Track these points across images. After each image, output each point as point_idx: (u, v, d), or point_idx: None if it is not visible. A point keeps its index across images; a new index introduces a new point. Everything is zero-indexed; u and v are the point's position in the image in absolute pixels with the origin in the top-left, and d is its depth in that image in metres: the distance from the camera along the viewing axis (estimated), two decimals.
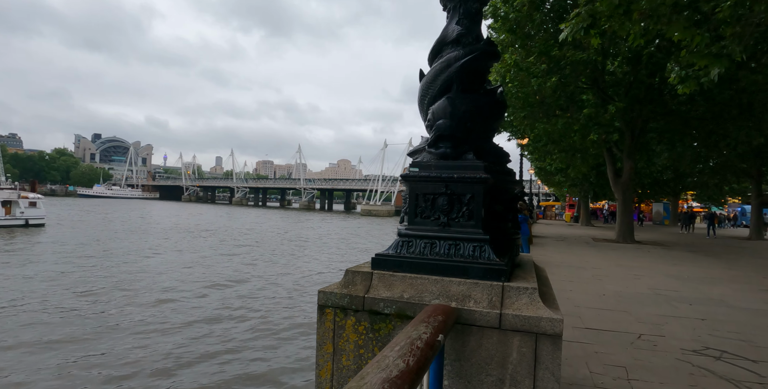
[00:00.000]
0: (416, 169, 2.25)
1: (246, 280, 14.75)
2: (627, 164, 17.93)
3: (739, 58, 5.77)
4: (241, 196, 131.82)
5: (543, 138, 18.03)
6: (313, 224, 49.00)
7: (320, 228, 43.74)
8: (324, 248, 26.03)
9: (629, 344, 4.83)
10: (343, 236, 35.09)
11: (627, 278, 9.25)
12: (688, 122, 17.90)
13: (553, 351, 1.78)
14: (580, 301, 6.89)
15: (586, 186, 32.04)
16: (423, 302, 1.95)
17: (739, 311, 6.65)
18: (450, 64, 2.45)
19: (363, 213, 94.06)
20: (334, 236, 34.81)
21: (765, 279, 10.06)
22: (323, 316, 2.15)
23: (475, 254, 2.06)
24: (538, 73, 14.39)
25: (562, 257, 12.56)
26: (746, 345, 4.92)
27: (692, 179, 33.86)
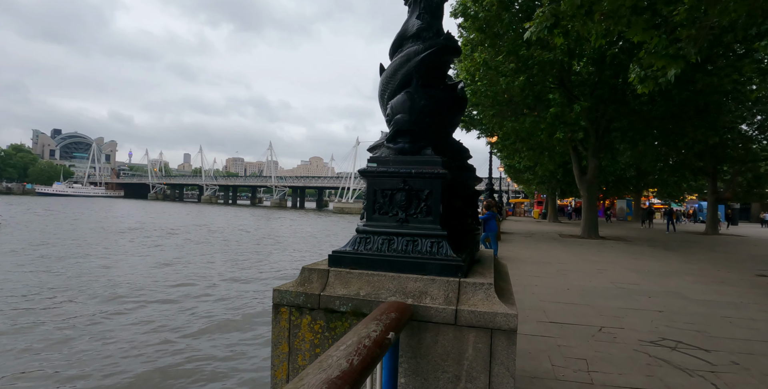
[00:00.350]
0: (374, 164, 2.21)
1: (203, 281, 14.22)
2: (592, 162, 18.45)
3: (694, 59, 6.00)
4: (211, 194, 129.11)
5: (511, 136, 18.34)
6: (285, 222, 48.44)
7: (291, 226, 43.27)
8: (294, 246, 25.75)
9: (590, 336, 4.95)
10: (313, 234, 34.82)
11: (591, 273, 9.51)
12: (649, 121, 18.55)
13: (507, 346, 1.77)
14: (546, 296, 7.03)
15: (554, 183, 32.83)
16: (379, 299, 1.92)
17: (694, 302, 6.93)
18: (410, 59, 2.42)
19: (335, 211, 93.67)
20: (305, 234, 34.50)
21: (718, 272, 10.53)
22: (278, 315, 2.09)
23: (433, 251, 2.04)
24: (507, 73, 14.63)
25: (530, 253, 12.81)
26: (700, 336, 5.12)
27: (653, 176, 35.17)
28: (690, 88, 15.51)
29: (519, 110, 16.86)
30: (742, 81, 17.66)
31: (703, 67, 14.70)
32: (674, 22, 6.36)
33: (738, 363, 4.22)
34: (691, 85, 15.29)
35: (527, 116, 16.09)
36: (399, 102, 2.31)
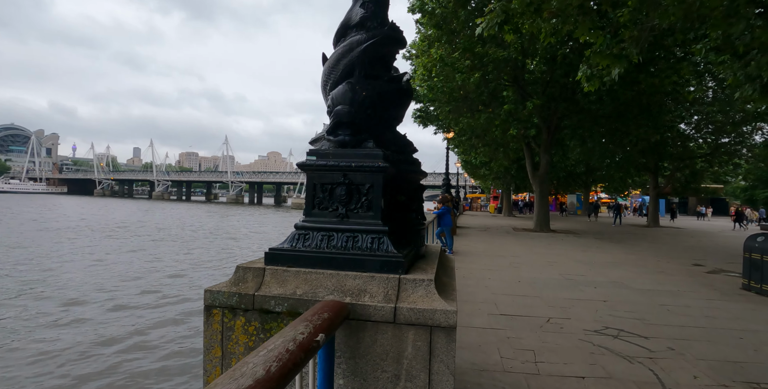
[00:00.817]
0: (314, 157, 2.12)
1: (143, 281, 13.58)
2: (544, 158, 19.04)
3: (636, 60, 6.25)
4: (163, 190, 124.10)
5: (467, 132, 18.63)
6: (240, 219, 47.22)
7: (247, 222, 42.26)
8: (248, 242, 25.14)
9: (539, 327, 5.07)
10: (269, 230, 34.16)
11: (541, 265, 9.80)
12: (597, 119, 19.33)
13: (447, 343, 1.74)
14: (497, 288, 7.16)
15: (508, 179, 33.73)
16: (316, 298, 1.84)
17: (636, 292, 7.27)
18: (352, 49, 2.33)
19: (294, 207, 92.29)
20: (261, 230, 33.79)
21: (658, 262, 11.12)
22: (210, 317, 1.97)
23: (373, 247, 1.97)
24: (463, 69, 14.80)
25: (484, 247, 13.07)
26: (640, 323, 5.36)
27: (601, 172, 36.80)
28: (634, 89, 16.26)
29: (474, 106, 17.14)
30: (681, 83, 18.71)
31: (645, 69, 15.43)
32: (618, 23, 6.59)
33: (674, 349, 4.44)
34: (635, 86, 16.03)
35: (482, 113, 16.40)
36: (340, 93, 2.22)
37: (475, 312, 5.63)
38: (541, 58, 15.98)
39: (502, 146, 20.81)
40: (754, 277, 7.67)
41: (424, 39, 17.31)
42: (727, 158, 27.18)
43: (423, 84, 16.73)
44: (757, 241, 7.68)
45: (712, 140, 25.80)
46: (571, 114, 18.78)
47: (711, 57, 12.30)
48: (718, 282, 8.51)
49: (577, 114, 18.74)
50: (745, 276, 7.91)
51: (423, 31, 17.56)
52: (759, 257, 7.55)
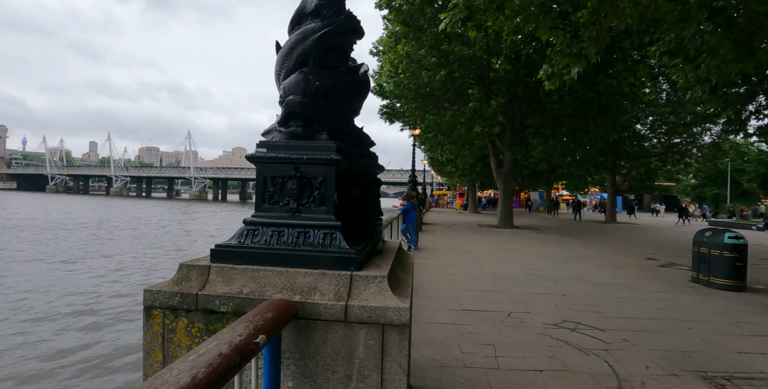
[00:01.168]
0: (264, 149, 2.02)
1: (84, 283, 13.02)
2: (507, 155, 19.40)
3: (595, 60, 6.41)
4: (122, 186, 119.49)
5: (433, 129, 18.74)
6: (202, 216, 45.96)
7: (210, 219, 41.17)
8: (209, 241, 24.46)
9: (499, 322, 5.12)
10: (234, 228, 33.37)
11: (504, 261, 9.96)
12: (558, 118, 19.84)
13: (400, 341, 1.68)
14: (460, 284, 7.22)
15: (474, 176, 34.24)
16: (264, 297, 1.75)
17: (593, 286, 7.48)
18: (306, 37, 2.24)
19: None
20: (225, 228, 32.98)
21: (615, 257, 11.52)
22: (150, 319, 1.84)
23: (325, 243, 1.90)
24: (429, 66, 14.86)
25: (449, 243, 13.19)
26: (597, 316, 5.51)
27: (562, 170, 37.91)
28: (593, 90, 16.76)
29: (440, 103, 17.26)
30: (637, 85, 19.47)
31: (604, 70, 15.94)
32: (578, 23, 6.73)
33: (628, 340, 4.58)
34: (595, 87, 16.53)
35: (448, 110, 16.53)
36: (293, 82, 2.12)
37: (438, 308, 5.64)
38: (506, 58, 16.25)
39: (467, 143, 21.06)
40: (702, 270, 8.03)
41: (391, 35, 17.28)
42: (679, 157, 28.54)
43: (389, 80, 16.70)
44: (705, 236, 8.05)
45: (665, 140, 27.00)
46: (534, 113, 19.20)
47: (664, 60, 12.78)
48: (669, 275, 8.88)
49: (539, 113, 19.17)
50: (694, 269, 8.28)
51: (390, 28, 17.53)
52: (706, 251, 7.92)
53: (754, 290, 7.65)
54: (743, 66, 5.12)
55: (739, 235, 7.65)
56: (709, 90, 6.91)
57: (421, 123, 18.37)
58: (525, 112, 18.89)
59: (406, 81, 15.65)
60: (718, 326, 5.27)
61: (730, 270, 7.56)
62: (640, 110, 24.52)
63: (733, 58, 5.26)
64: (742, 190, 50.26)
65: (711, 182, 51.91)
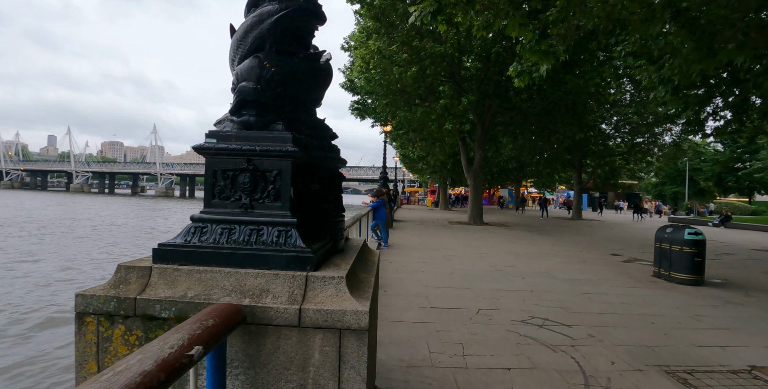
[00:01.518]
0: (213, 140, 1.85)
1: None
2: (478, 153, 19.56)
3: (563, 57, 6.45)
4: (83, 182, 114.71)
5: (404, 126, 18.68)
6: (167, 214, 44.60)
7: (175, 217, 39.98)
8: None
9: (468, 320, 5.08)
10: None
11: (473, 257, 9.99)
12: (527, 117, 20.13)
13: (358, 347, 1.57)
14: (430, 281, 7.16)
15: (445, 173, 34.46)
16: (210, 300, 1.59)
17: (560, 281, 7.57)
18: (263, 20, 2.08)
19: None
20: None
21: (581, 252, 11.76)
22: (83, 326, 1.66)
23: (280, 241, 1.75)
24: (400, 62, 14.76)
25: (420, 240, 13.17)
26: (563, 312, 5.54)
27: (531, 168, 38.65)
28: (561, 89, 17.07)
29: (411, 100, 17.21)
30: (603, 85, 19.97)
31: (571, 70, 16.26)
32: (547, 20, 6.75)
33: (594, 336, 4.61)
34: (562, 86, 16.83)
35: (419, 107, 16.49)
36: (246, 68, 1.96)
37: (406, 306, 5.56)
38: (476, 56, 16.32)
39: (438, 140, 21.12)
40: (663, 265, 8.26)
41: (362, 30, 17.10)
42: (641, 156, 29.51)
43: (360, 76, 16.52)
44: (666, 232, 8.27)
45: (628, 140, 27.84)
46: (503, 111, 19.41)
47: (629, 61, 13.12)
48: (632, 270, 9.10)
49: (509, 111, 19.40)
50: (656, 264, 8.51)
51: (362, 23, 17.35)
52: (668, 247, 8.13)
53: (712, 284, 7.91)
54: (704, 66, 5.25)
55: (698, 231, 7.89)
56: (671, 90, 7.08)
57: (392, 119, 18.28)
58: (495, 110, 19.07)
59: (377, 77, 15.52)
60: (680, 320, 5.38)
61: (690, 265, 7.79)
62: (605, 110, 25.19)
63: (696, 58, 5.39)
64: (699, 188, 52.55)
65: (671, 181, 54.05)
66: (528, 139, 25.08)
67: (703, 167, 50.80)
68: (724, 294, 7.12)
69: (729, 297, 6.85)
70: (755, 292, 7.35)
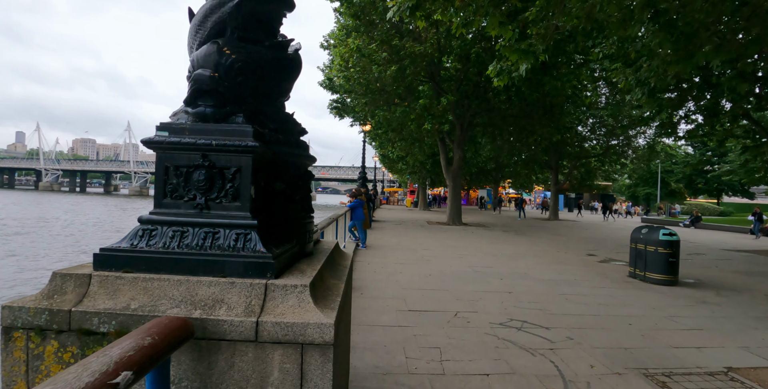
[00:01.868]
0: (165, 132, 1.67)
1: None
2: (457, 153, 19.57)
3: (543, 57, 6.41)
4: (53, 180, 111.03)
5: (383, 125, 18.53)
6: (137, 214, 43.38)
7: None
8: None
9: (446, 323, 4.97)
10: None
11: (452, 258, 9.92)
12: (506, 118, 20.25)
13: (322, 364, 1.41)
14: (408, 283, 7.04)
15: (424, 173, 34.49)
16: (156, 313, 1.42)
17: (538, 282, 7.55)
18: (224, 3, 1.90)
19: None
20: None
21: (558, 253, 11.83)
22: (10, 342, 1.46)
23: (238, 245, 1.58)
24: (380, 61, 14.61)
25: (398, 240, 13.06)
26: (542, 314, 5.49)
27: (509, 169, 39.03)
28: (539, 91, 17.20)
29: (391, 99, 17.07)
30: (580, 88, 20.25)
31: (550, 72, 16.40)
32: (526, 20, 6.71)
33: (572, 338, 4.55)
34: (540, 88, 16.96)
35: (398, 106, 16.37)
36: (203, 54, 1.78)
37: (383, 309, 5.41)
38: (456, 56, 16.29)
39: (417, 140, 21.04)
40: (639, 265, 8.33)
41: (342, 28, 16.89)
42: (616, 157, 30.09)
43: (339, 74, 16.30)
44: (641, 233, 8.36)
45: (603, 142, 28.35)
46: (482, 112, 19.47)
47: (605, 64, 13.30)
48: (608, 271, 9.17)
49: (488, 112, 19.47)
50: (631, 265, 8.58)
51: (341, 21, 17.14)
52: (643, 247, 8.21)
53: (685, 284, 8.01)
54: (681, 68, 5.28)
55: (673, 232, 7.99)
56: (647, 92, 7.14)
57: (371, 119, 18.11)
58: (474, 111, 19.12)
59: (356, 75, 15.32)
60: (656, 321, 5.39)
61: (665, 266, 7.87)
62: (581, 112, 25.58)
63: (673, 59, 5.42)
64: (670, 189, 54.00)
65: (643, 182, 55.36)
66: (506, 140, 25.26)
67: (675, 170, 52.25)
68: (697, 293, 7.21)
69: (702, 297, 6.94)
70: (726, 291, 7.47)
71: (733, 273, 9.53)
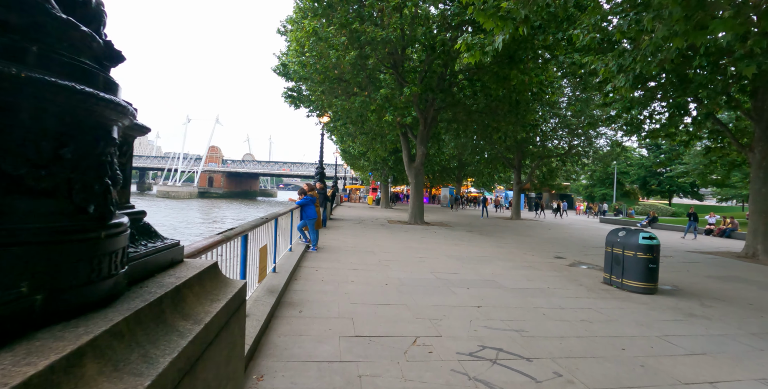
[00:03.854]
0: None
1: None
2: (420, 149, 18.62)
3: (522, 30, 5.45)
4: None
5: (342, 116, 17.27)
6: None
7: None
8: None
9: (402, 354, 3.90)
10: None
11: (412, 262, 8.92)
12: (470, 114, 19.50)
13: None
14: (359, 295, 5.94)
15: (386, 170, 33.49)
16: None
17: (509, 292, 6.63)
18: None
19: (159, 195, 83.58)
20: None
21: (525, 255, 11.07)
22: None
23: None
24: (338, 46, 13.37)
25: (355, 241, 11.95)
26: (519, 337, 4.52)
27: (471, 167, 38.71)
28: (506, 85, 16.49)
29: (350, 88, 15.85)
30: (546, 84, 19.78)
31: (517, 66, 15.73)
32: None
33: (561, 375, 3.59)
34: (507, 83, 16.25)
35: (357, 96, 15.14)
36: None
37: (324, 335, 4.29)
38: (421, 45, 15.27)
39: (379, 135, 19.93)
40: (615, 271, 7.59)
41: (299, 11, 15.56)
42: (577, 158, 30.14)
43: (295, 59, 14.94)
44: (618, 236, 7.61)
45: (567, 141, 28.27)
46: (447, 107, 18.62)
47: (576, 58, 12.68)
48: (580, 276, 8.42)
49: (453, 107, 18.65)
50: (606, 270, 7.84)
51: (299, 4, 15.79)
52: (620, 251, 7.47)
53: (664, 291, 7.34)
54: (694, 38, 4.47)
55: (653, 235, 7.27)
56: (632, 79, 6.36)
57: (329, 109, 16.82)
58: (438, 105, 18.22)
59: (313, 61, 14.01)
60: (650, 343, 4.54)
61: (644, 272, 7.14)
62: (546, 111, 25.30)
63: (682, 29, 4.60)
64: (625, 191, 55.58)
65: (600, 183, 56.72)
66: (470, 137, 24.63)
67: (630, 171, 53.75)
68: (681, 303, 6.50)
69: (687, 308, 6.23)
70: (709, 301, 6.81)
71: (708, 278, 9.01)
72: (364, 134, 20.10)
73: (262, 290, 5.20)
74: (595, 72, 12.62)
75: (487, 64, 16.30)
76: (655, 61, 5.58)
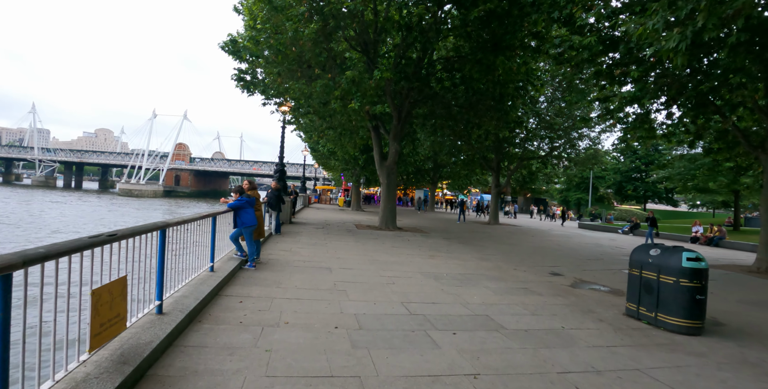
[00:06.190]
0: None
1: None
2: (393, 146, 16.57)
3: None
4: None
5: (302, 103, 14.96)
6: (44, 207, 36.65)
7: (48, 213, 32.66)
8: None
9: None
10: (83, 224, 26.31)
11: (378, 286, 6.82)
12: (449, 108, 17.60)
13: None
14: (289, 352, 3.80)
15: (357, 170, 31.30)
16: None
17: (512, 339, 4.61)
18: None
19: (122, 193, 79.08)
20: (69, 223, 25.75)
21: (515, 271, 9.17)
22: None
23: None
24: (296, 19, 11.10)
25: (311, 252, 9.76)
26: None
27: (447, 169, 37.01)
28: (491, 75, 14.62)
29: (311, 72, 13.58)
30: (533, 77, 18.10)
31: (504, 52, 13.91)
32: None
33: None
34: (492, 72, 14.38)
35: (320, 79, 12.84)
36: None
37: None
38: (395, 24, 13.17)
39: (348, 130, 17.72)
40: (646, 302, 5.70)
41: None
42: (558, 161, 28.75)
43: (246, 35, 12.62)
44: (650, 255, 5.71)
45: (548, 142, 26.83)
46: (424, 99, 16.62)
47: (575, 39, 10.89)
48: (593, 304, 6.52)
49: (430, 99, 16.67)
50: (632, 300, 5.95)
51: None
52: (654, 276, 5.57)
53: (713, 332, 5.47)
54: None
55: (699, 256, 5.39)
56: (691, 36, 4.52)
57: (285, 93, 14.48)
58: (414, 98, 16.20)
59: (266, 35, 11.71)
60: None
61: (689, 306, 5.25)
62: (528, 108, 23.73)
63: None
64: (599, 195, 55.10)
65: (575, 187, 56.10)
66: (448, 135, 22.75)
67: (605, 176, 53.23)
68: (748, 353, 4.63)
69: (761, 361, 4.34)
70: None
71: (741, 305, 7.27)
72: (331, 128, 17.85)
73: (108, 359, 3.01)
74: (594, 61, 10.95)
75: (468, 51, 14.46)
76: (732, 4, 3.80)
